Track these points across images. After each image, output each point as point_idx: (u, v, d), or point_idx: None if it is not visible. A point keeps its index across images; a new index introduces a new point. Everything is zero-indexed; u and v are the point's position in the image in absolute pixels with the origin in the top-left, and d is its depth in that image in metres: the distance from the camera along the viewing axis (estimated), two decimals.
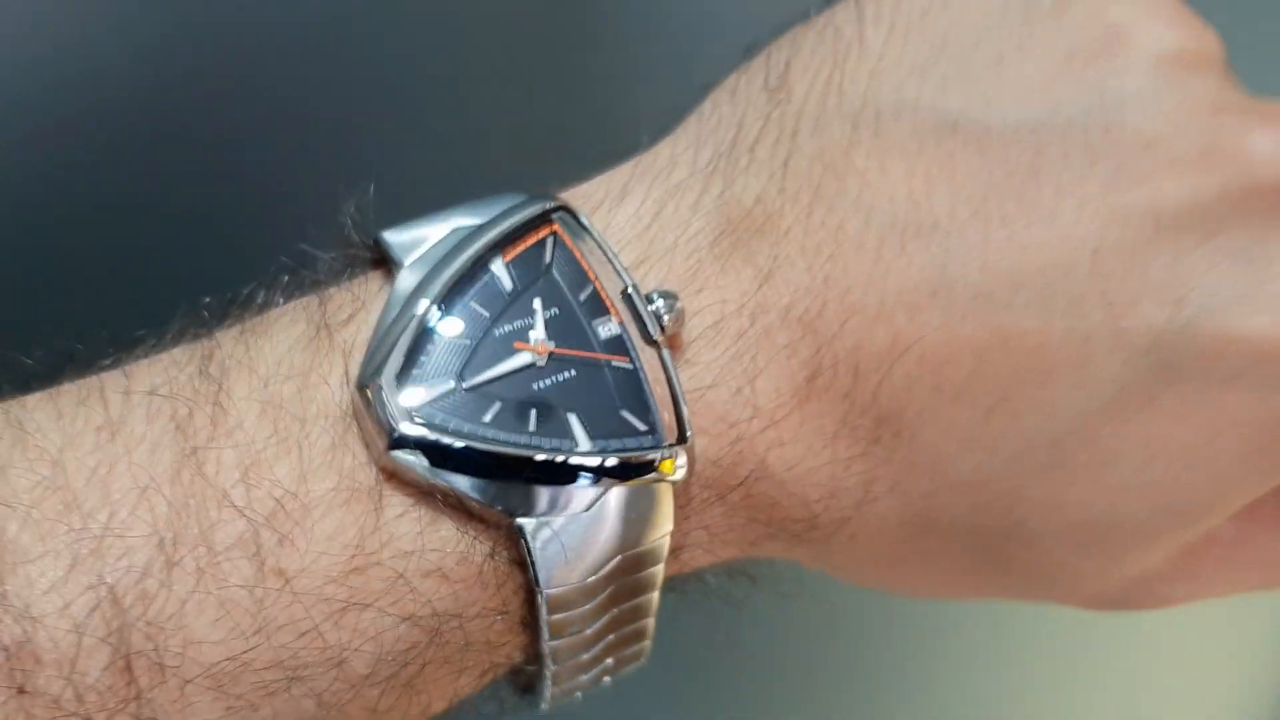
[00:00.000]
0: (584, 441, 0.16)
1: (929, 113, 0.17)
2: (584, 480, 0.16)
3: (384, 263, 0.18)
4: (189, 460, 0.16)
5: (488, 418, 0.16)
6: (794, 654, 0.43)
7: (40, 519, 0.15)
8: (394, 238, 0.17)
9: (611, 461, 0.16)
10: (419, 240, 0.17)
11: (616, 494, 0.16)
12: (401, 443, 0.16)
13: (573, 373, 0.16)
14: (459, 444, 0.16)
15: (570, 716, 0.19)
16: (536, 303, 0.17)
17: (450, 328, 0.16)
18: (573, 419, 0.16)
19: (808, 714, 0.45)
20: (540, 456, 0.16)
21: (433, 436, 0.16)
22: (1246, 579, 0.19)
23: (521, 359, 0.16)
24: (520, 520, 0.16)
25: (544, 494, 0.16)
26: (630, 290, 0.17)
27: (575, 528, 0.16)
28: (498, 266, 0.17)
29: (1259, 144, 0.17)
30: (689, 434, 0.16)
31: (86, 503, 0.15)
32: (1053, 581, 0.19)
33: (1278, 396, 0.16)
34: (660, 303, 0.17)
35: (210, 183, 0.27)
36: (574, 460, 0.16)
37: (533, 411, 0.16)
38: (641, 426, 0.16)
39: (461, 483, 0.16)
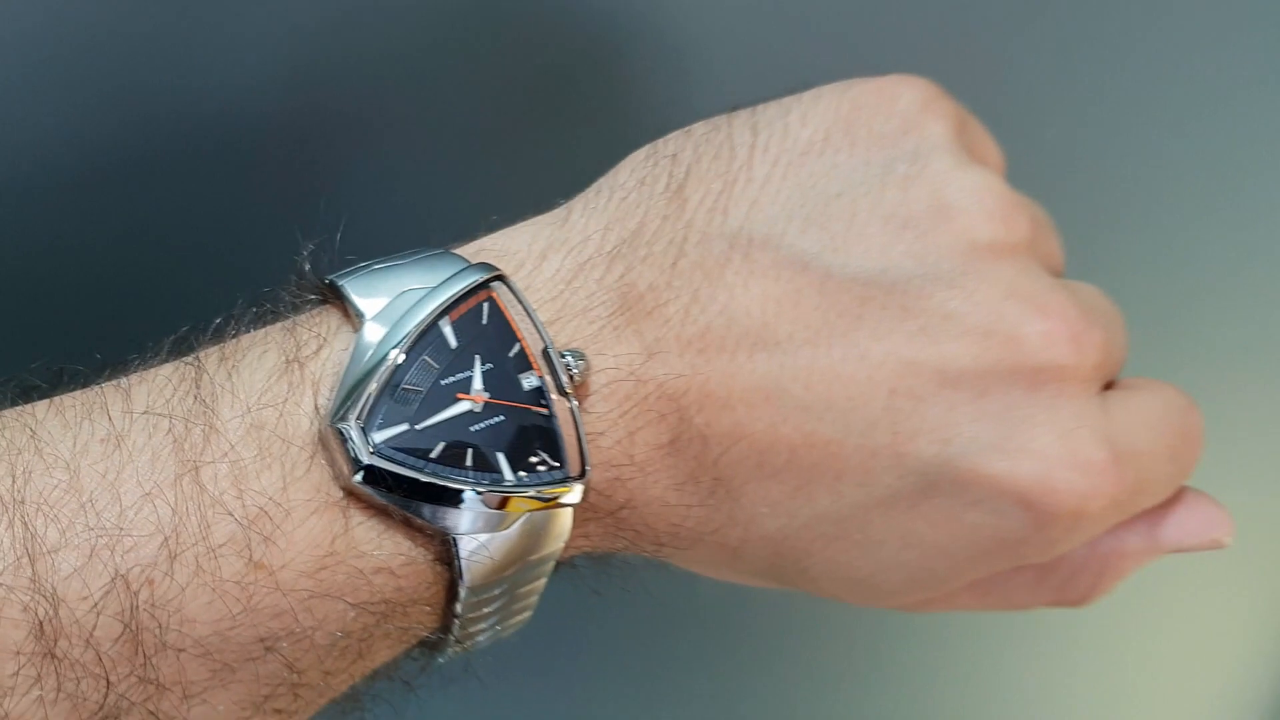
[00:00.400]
0: (509, 475, 0.20)
1: (788, 250, 0.22)
2: (488, 504, 0.20)
3: (338, 298, 0.22)
4: (188, 471, 0.19)
5: (434, 454, 0.20)
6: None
7: (61, 516, 0.18)
8: (356, 294, 0.21)
9: (528, 492, 0.20)
10: (377, 296, 0.21)
11: (529, 515, 0.21)
12: (364, 471, 0.19)
13: (502, 418, 0.21)
14: (409, 474, 0.20)
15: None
16: (476, 359, 0.21)
17: (408, 379, 0.20)
18: (500, 457, 0.20)
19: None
20: (467, 489, 0.20)
21: (389, 468, 0.19)
22: (988, 602, 0.25)
23: (462, 407, 0.20)
24: (455, 535, 0.20)
25: (469, 515, 0.20)
26: (549, 349, 0.21)
27: (495, 540, 0.20)
28: (445, 326, 0.21)
29: (1029, 331, 0.21)
30: (588, 470, 0.21)
31: (99, 503, 0.19)
32: (832, 598, 0.25)
33: (1004, 520, 0.22)
34: (570, 359, 0.21)
35: (208, 205, 0.29)
36: (497, 492, 0.20)
37: (470, 450, 0.20)
38: (554, 463, 0.21)
39: (408, 504, 0.20)
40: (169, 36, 0.27)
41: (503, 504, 0.20)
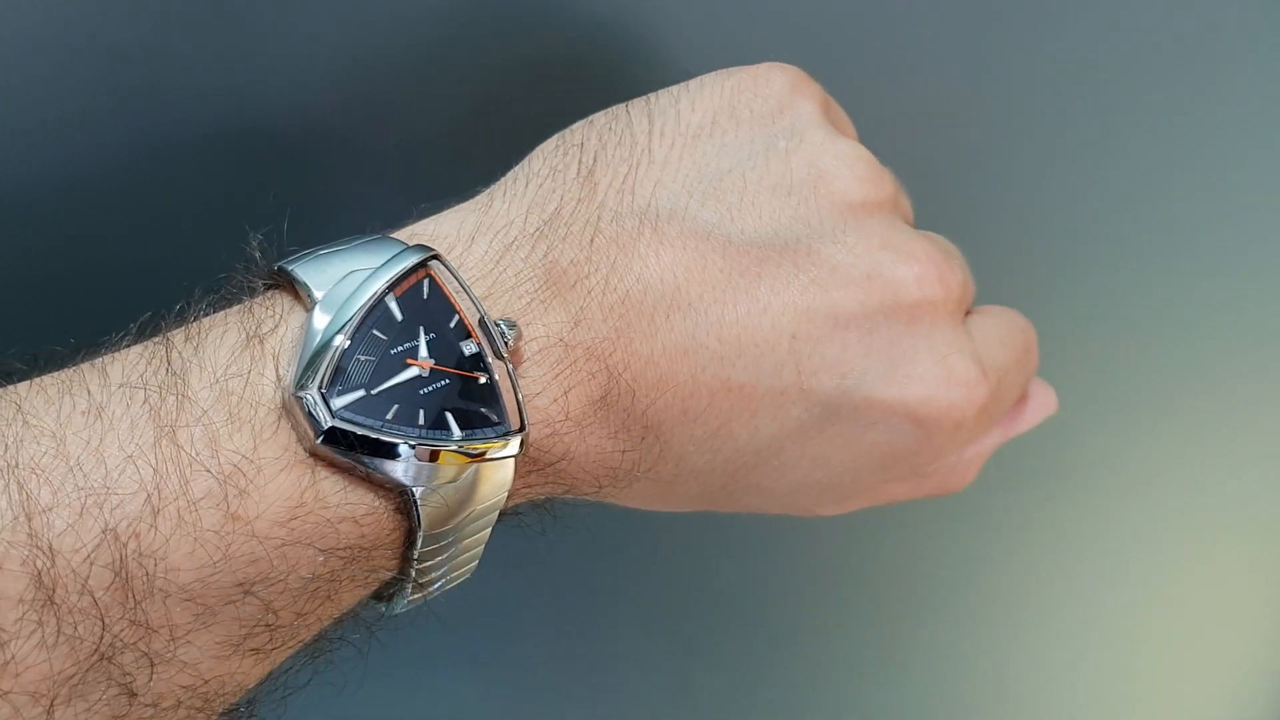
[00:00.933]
0: (456, 431, 0.23)
1: (692, 221, 0.25)
2: (420, 456, 0.22)
3: (288, 283, 0.24)
4: (165, 435, 0.21)
5: (389, 416, 0.22)
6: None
7: (52, 479, 0.20)
8: (306, 277, 0.23)
9: (472, 448, 0.23)
10: (325, 279, 0.23)
11: (475, 467, 0.23)
12: (326, 433, 0.22)
13: (447, 381, 0.23)
14: (368, 435, 0.22)
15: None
16: (420, 329, 0.23)
17: (360, 350, 0.22)
18: (448, 415, 0.23)
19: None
20: (400, 443, 0.22)
21: (349, 429, 0.22)
22: (875, 501, 0.29)
23: (411, 373, 0.23)
24: (413, 487, 0.22)
25: (403, 466, 0.22)
26: (484, 319, 0.24)
27: (447, 491, 0.23)
28: (391, 302, 0.23)
29: (904, 276, 0.25)
30: (526, 425, 0.24)
31: (85, 466, 0.20)
32: (756, 512, 0.28)
33: (897, 436, 0.26)
34: (504, 327, 0.24)
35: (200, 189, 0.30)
36: (427, 446, 0.22)
37: (421, 411, 0.22)
38: (495, 419, 0.23)
39: (368, 460, 0.22)
40: (147, 39, 0.29)
41: (433, 457, 0.22)
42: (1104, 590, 0.52)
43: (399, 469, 0.22)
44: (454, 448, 0.23)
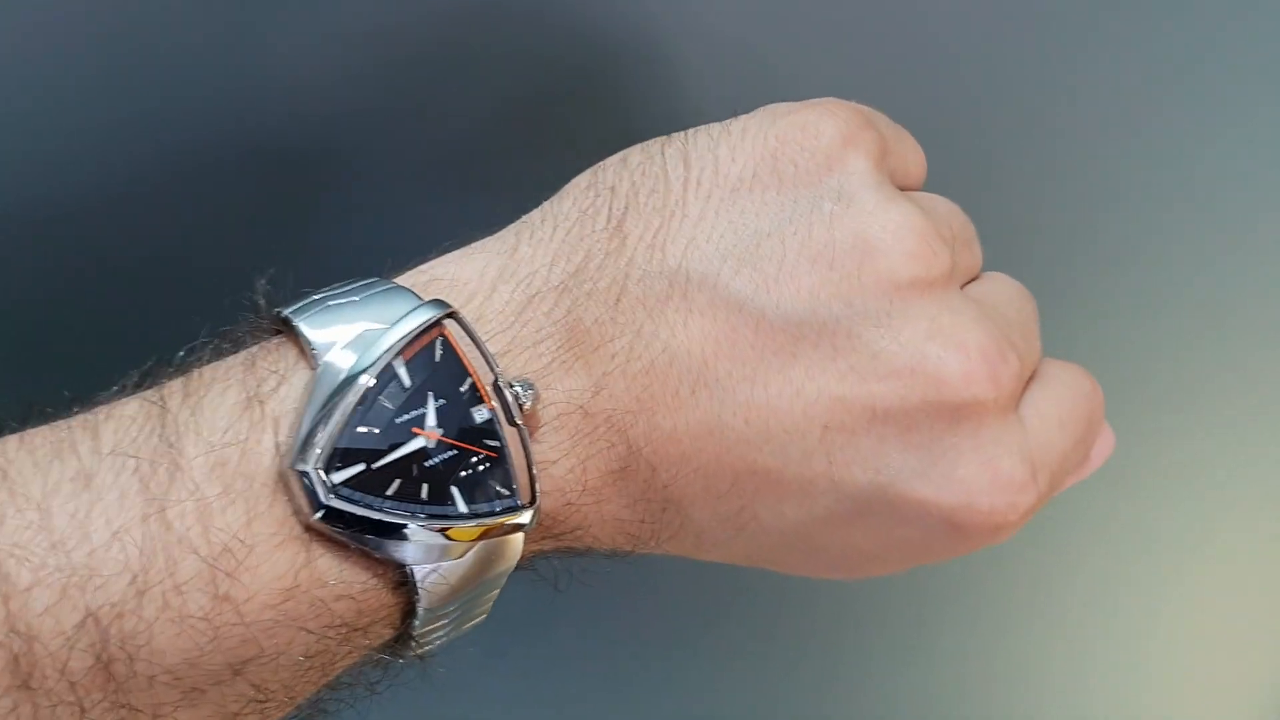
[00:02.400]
0: (462, 506, 0.22)
1: (724, 290, 0.23)
2: (431, 535, 0.21)
3: (294, 333, 0.22)
4: (154, 511, 0.20)
5: (390, 491, 0.21)
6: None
7: (33, 556, 0.19)
8: (310, 332, 0.21)
9: (469, 524, 0.21)
10: (331, 336, 0.21)
11: (484, 544, 0.22)
12: (324, 510, 0.20)
13: (455, 452, 0.22)
14: (366, 514, 0.20)
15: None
16: (429, 396, 0.22)
17: (364, 419, 0.21)
18: (454, 490, 0.21)
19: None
20: (409, 523, 0.21)
21: (347, 509, 0.20)
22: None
23: (417, 444, 0.21)
24: (413, 565, 0.21)
25: (413, 547, 0.21)
26: (499, 382, 0.22)
27: (449, 566, 0.22)
28: (400, 367, 0.21)
29: (950, 372, 0.23)
30: (538, 497, 0.22)
31: (69, 543, 0.19)
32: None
33: (931, 535, 0.24)
34: (519, 389, 0.22)
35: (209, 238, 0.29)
36: (439, 523, 0.21)
37: (424, 485, 0.21)
38: (505, 493, 0.22)
39: (366, 539, 0.21)
40: (164, 48, 0.28)
41: (436, 534, 0.21)
42: (1122, 590, 0.51)
43: (398, 548, 0.21)
44: (459, 525, 0.21)
